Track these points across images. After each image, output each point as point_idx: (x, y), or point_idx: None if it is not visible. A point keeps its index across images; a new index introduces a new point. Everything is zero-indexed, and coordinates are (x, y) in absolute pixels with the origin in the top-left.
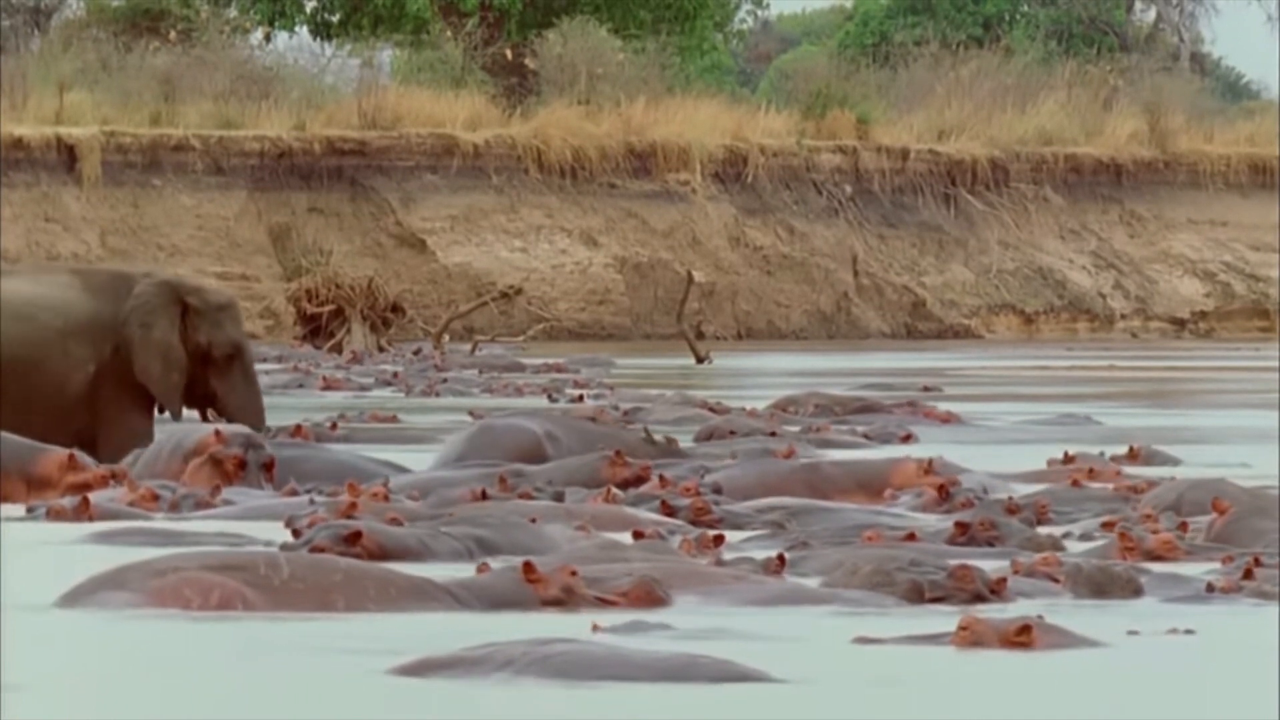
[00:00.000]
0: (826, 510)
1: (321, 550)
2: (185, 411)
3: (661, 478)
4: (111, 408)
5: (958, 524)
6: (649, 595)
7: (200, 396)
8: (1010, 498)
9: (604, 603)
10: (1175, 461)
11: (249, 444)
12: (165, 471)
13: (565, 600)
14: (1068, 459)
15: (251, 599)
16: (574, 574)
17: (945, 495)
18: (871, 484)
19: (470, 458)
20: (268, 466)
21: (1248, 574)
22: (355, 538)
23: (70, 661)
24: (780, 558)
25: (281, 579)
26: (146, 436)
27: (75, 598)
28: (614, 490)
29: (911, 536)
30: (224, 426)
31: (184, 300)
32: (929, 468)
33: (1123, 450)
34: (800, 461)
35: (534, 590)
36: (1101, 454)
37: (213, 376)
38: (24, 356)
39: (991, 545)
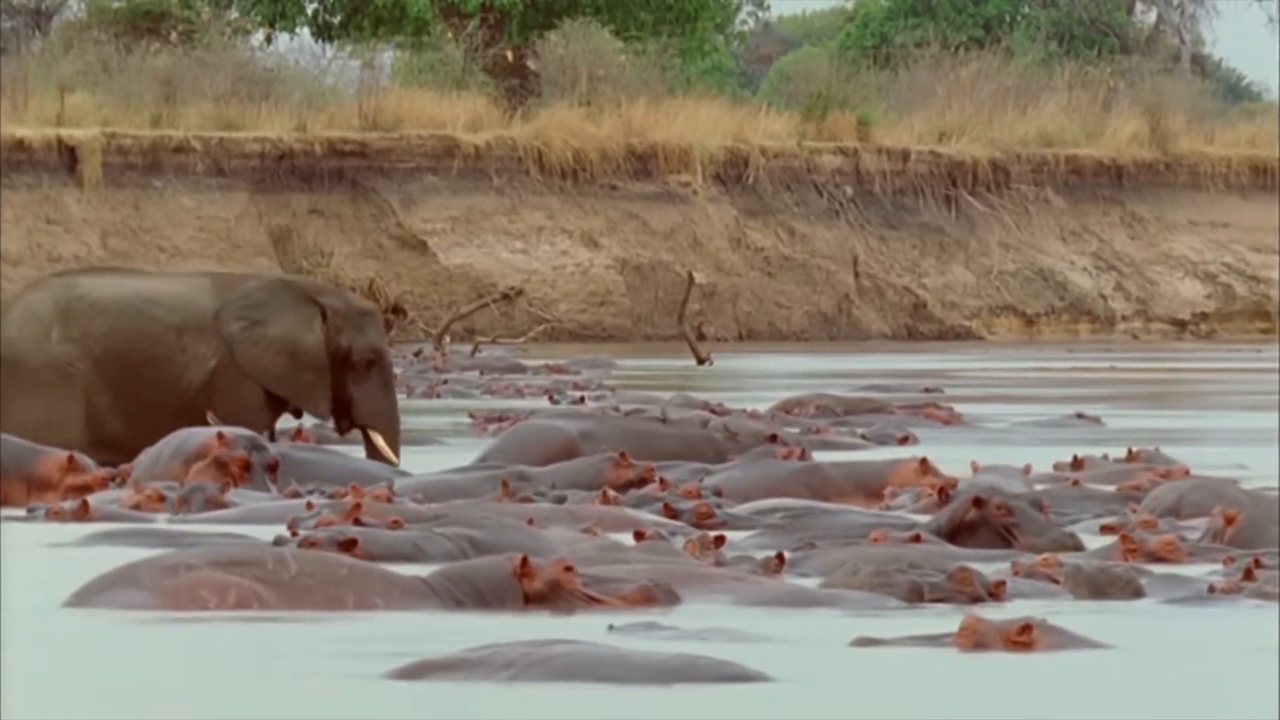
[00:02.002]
0: (827, 512)
1: (314, 545)
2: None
3: (661, 480)
4: (229, 402)
5: (975, 499)
6: (649, 601)
7: (336, 401)
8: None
9: (595, 601)
10: (1172, 464)
11: (253, 446)
12: (167, 474)
13: (551, 596)
14: (1076, 463)
15: (266, 597)
16: (569, 569)
17: (945, 498)
18: (871, 485)
19: (499, 459)
20: (272, 468)
21: (1248, 575)
22: (351, 545)
23: (78, 662)
24: (779, 557)
25: (290, 575)
26: (261, 431)
27: (84, 597)
28: (612, 492)
29: (916, 538)
30: (227, 429)
31: (320, 302)
32: (926, 468)
33: (1121, 453)
34: (799, 463)
35: (521, 584)
36: (1105, 456)
37: (351, 382)
38: (137, 349)
39: (1008, 532)
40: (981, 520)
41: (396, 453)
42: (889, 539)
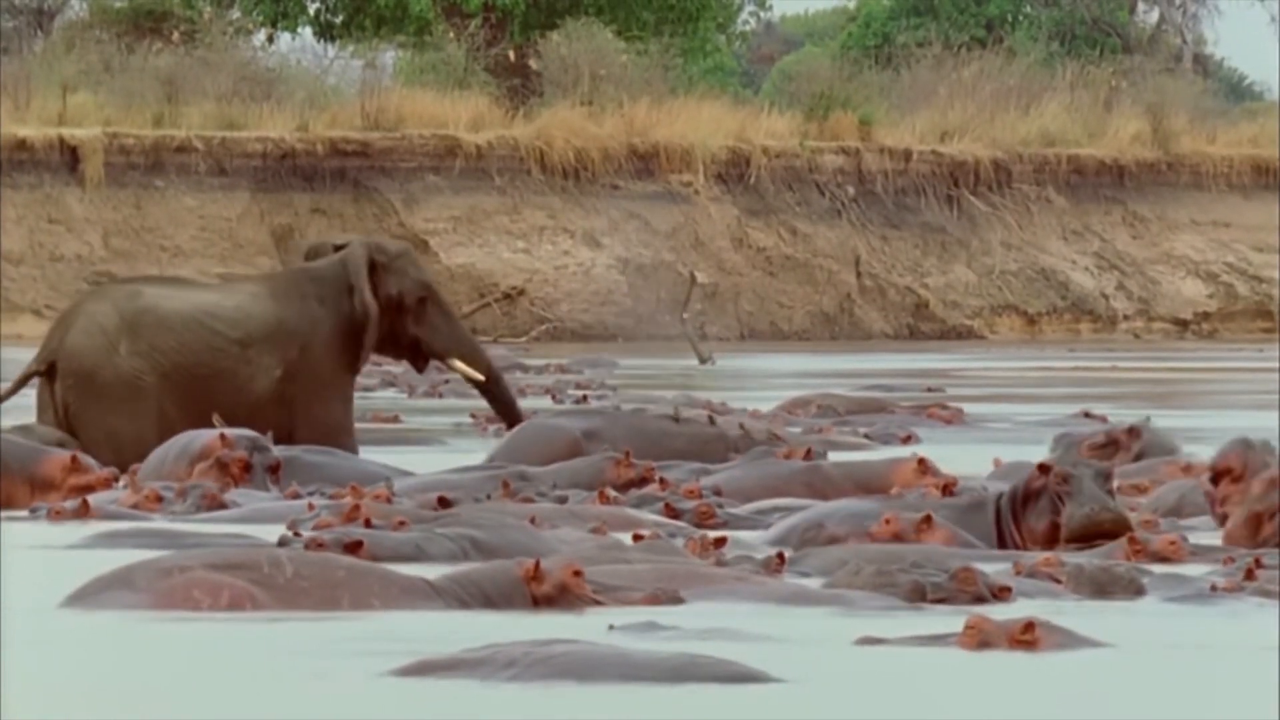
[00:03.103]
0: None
1: (321, 546)
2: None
3: (662, 480)
4: (306, 405)
5: (1040, 465)
6: (656, 606)
7: (408, 347)
8: None
9: (603, 605)
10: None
11: (254, 446)
12: (171, 475)
13: (560, 600)
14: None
15: (260, 598)
16: (577, 574)
17: (949, 495)
18: (871, 485)
19: (504, 459)
20: (273, 469)
21: (1249, 574)
22: (356, 546)
23: (75, 662)
24: (780, 556)
25: (286, 577)
26: (347, 430)
27: (81, 598)
28: (611, 492)
29: (928, 519)
30: (229, 430)
31: (372, 257)
32: (925, 467)
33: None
34: (800, 463)
35: (530, 587)
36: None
37: (411, 323)
38: (203, 364)
39: (1061, 500)
40: (1043, 489)
41: (482, 370)
42: (899, 522)
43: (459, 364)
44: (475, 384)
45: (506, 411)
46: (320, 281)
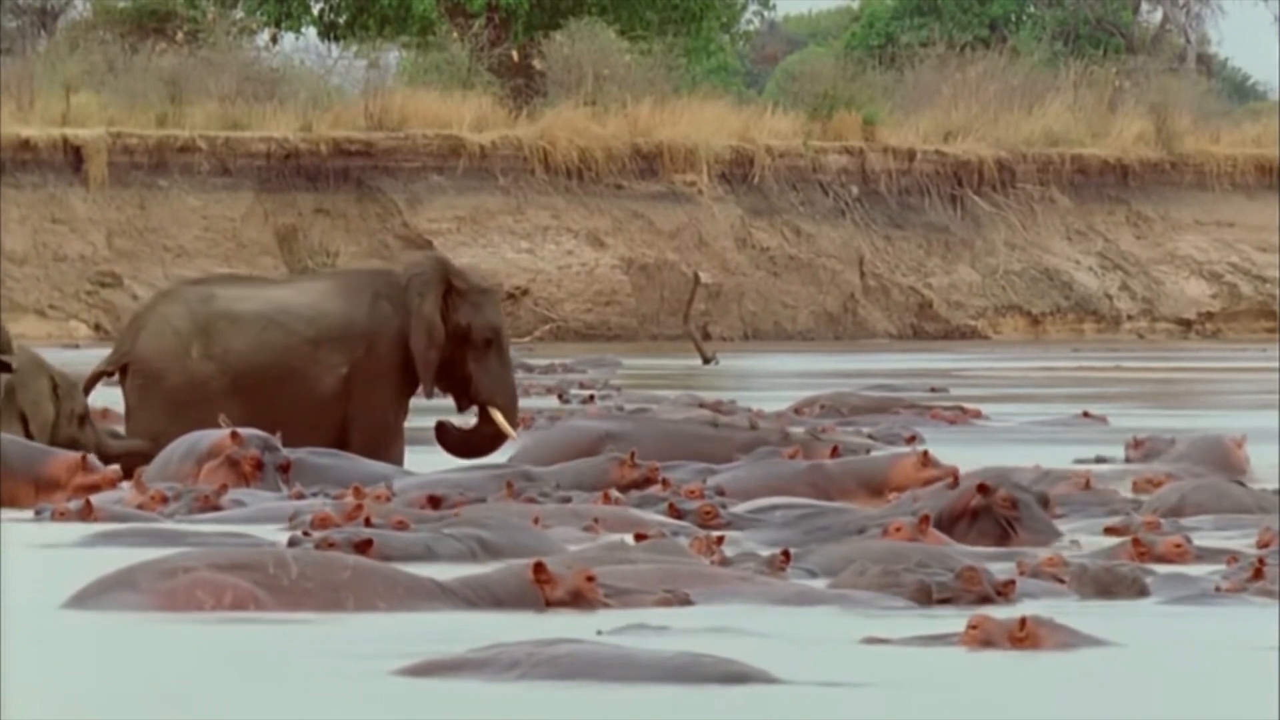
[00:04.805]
0: (832, 510)
1: (333, 546)
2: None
3: (664, 481)
4: (363, 403)
5: (979, 486)
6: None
7: (457, 379)
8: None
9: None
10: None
11: (265, 445)
12: (178, 475)
13: (572, 605)
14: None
15: (263, 599)
16: (590, 579)
17: (957, 484)
18: (873, 482)
19: (524, 460)
20: (284, 468)
21: (1257, 573)
22: (366, 545)
23: (77, 663)
24: (785, 555)
25: (290, 578)
26: (397, 433)
27: (84, 599)
28: (614, 493)
29: (925, 520)
30: (240, 429)
31: (449, 280)
32: (927, 460)
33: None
34: (803, 462)
35: (541, 591)
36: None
37: (470, 359)
38: (276, 364)
39: (1009, 525)
40: (984, 509)
41: (515, 426)
42: (908, 530)
43: (499, 416)
44: (488, 433)
45: (480, 447)
46: (392, 283)
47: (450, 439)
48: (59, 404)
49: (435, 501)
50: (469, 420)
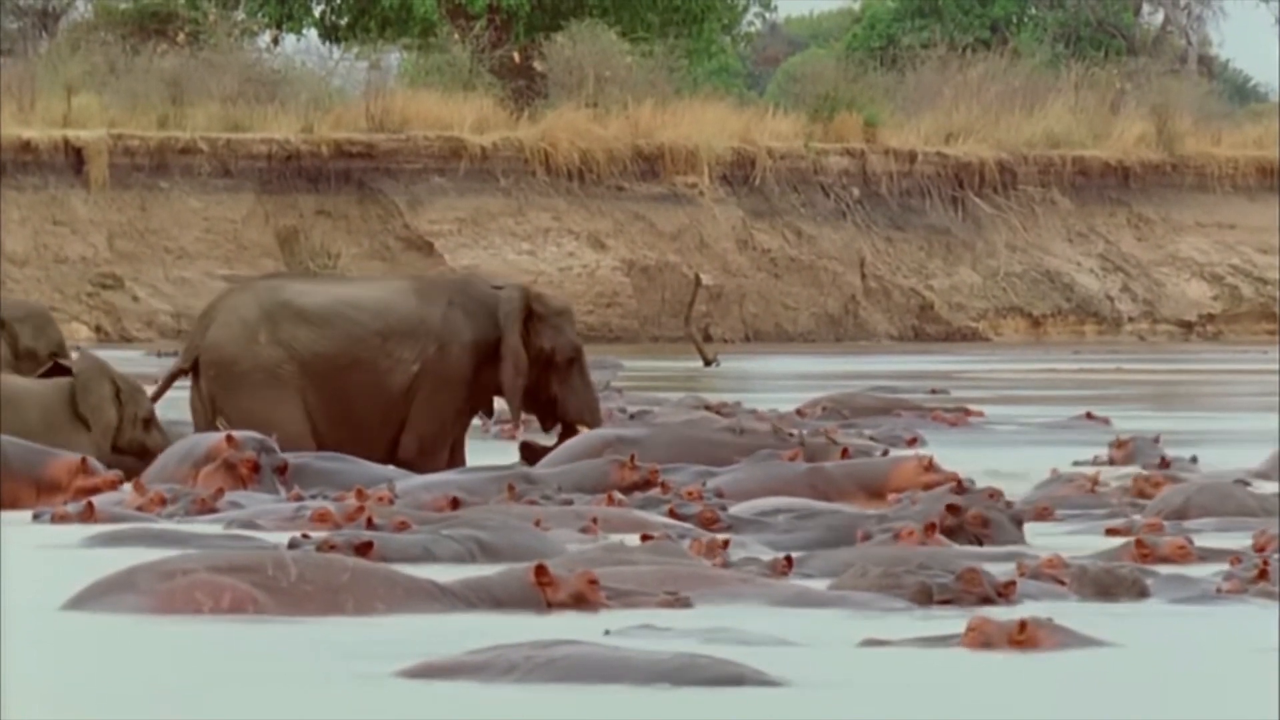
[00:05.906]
0: (832, 512)
1: (334, 548)
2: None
3: (663, 484)
4: (427, 403)
5: (949, 506)
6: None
7: (544, 401)
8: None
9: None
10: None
11: (262, 448)
12: (175, 478)
13: (574, 607)
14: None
15: (262, 601)
16: (593, 582)
17: (959, 493)
18: (873, 484)
19: (547, 464)
20: (281, 470)
21: (1261, 574)
22: (366, 548)
23: (77, 664)
24: (788, 559)
25: (289, 580)
26: (446, 444)
27: (84, 600)
28: (618, 495)
29: (931, 528)
30: (236, 432)
31: (530, 306)
32: (929, 465)
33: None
34: (803, 464)
35: (543, 594)
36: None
37: (555, 381)
38: (342, 353)
39: (979, 543)
40: (958, 527)
41: None
42: (915, 534)
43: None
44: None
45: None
46: (469, 296)
47: (538, 459)
48: (122, 408)
49: (456, 503)
50: (552, 439)
